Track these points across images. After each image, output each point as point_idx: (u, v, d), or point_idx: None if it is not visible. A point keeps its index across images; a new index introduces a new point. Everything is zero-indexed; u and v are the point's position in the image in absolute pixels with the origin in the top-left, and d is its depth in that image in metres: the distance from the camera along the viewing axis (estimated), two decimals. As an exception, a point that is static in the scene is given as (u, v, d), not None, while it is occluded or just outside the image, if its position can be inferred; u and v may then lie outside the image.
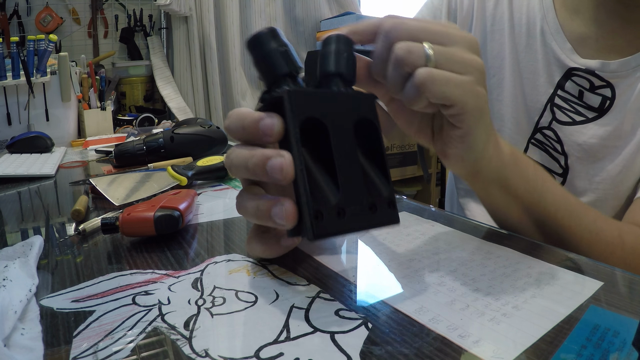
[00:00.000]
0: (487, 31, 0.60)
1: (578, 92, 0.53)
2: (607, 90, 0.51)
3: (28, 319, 0.25)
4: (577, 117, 0.53)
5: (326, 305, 0.26)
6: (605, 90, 0.51)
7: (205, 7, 1.88)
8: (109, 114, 1.26)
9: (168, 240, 0.38)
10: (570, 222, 0.39)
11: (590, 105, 0.53)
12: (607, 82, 0.51)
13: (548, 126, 0.56)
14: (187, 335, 0.23)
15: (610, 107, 0.51)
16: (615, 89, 0.51)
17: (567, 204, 0.40)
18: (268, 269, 0.31)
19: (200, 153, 0.71)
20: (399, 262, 0.32)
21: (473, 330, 0.23)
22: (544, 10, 0.55)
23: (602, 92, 0.52)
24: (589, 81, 0.52)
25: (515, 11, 0.57)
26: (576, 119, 0.54)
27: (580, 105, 0.53)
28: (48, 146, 0.94)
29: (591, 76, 0.52)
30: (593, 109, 0.52)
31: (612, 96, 0.51)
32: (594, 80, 0.52)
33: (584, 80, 0.52)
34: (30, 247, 0.34)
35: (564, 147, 0.55)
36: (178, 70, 1.91)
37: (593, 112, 0.52)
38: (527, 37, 0.56)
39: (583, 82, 0.52)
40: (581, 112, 0.53)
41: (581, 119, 0.53)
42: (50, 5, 1.63)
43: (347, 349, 0.22)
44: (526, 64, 0.57)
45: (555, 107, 0.55)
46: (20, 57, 1.03)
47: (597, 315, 0.25)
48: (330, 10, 2.28)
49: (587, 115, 0.53)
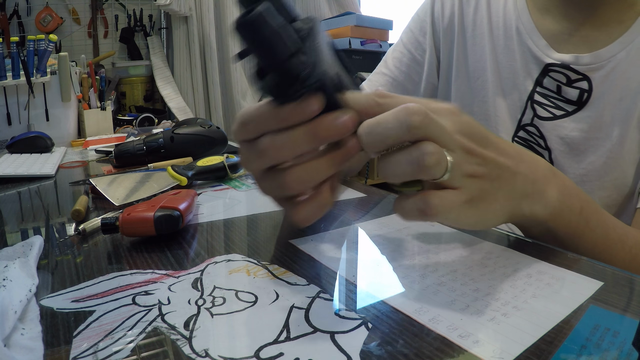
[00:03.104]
0: (469, 36, 0.62)
1: (556, 87, 0.54)
2: (584, 83, 0.52)
3: (28, 319, 0.25)
4: (558, 112, 0.55)
5: (326, 305, 0.26)
6: (582, 83, 0.52)
7: (205, 7, 1.88)
8: (109, 114, 1.26)
9: (168, 240, 0.38)
10: (606, 257, 0.38)
11: (568, 99, 0.54)
12: (583, 75, 0.52)
13: (530, 123, 0.57)
14: (187, 335, 0.23)
15: (588, 100, 0.52)
16: (591, 81, 0.52)
17: (606, 239, 0.39)
18: (268, 269, 0.31)
19: (200, 153, 0.71)
20: (398, 262, 0.32)
21: (473, 330, 0.23)
22: (519, 12, 0.57)
23: (579, 85, 0.53)
24: (566, 75, 0.53)
25: (492, 15, 0.60)
26: (556, 113, 0.55)
27: (559, 100, 0.55)
28: (48, 146, 0.94)
29: (567, 70, 0.53)
30: (572, 103, 0.54)
31: (589, 88, 0.52)
32: (570, 74, 0.53)
33: (560, 75, 0.54)
34: (30, 247, 0.34)
35: (547, 142, 0.56)
36: (178, 70, 1.91)
37: (572, 106, 0.54)
38: (505, 38, 0.58)
39: (560, 76, 0.54)
40: (561, 107, 0.55)
41: (561, 113, 0.54)
42: (50, 5, 1.63)
43: (347, 349, 0.22)
44: (505, 64, 0.58)
45: (536, 104, 0.56)
46: (20, 57, 1.03)
47: (597, 315, 0.25)
48: (330, 10, 2.28)
49: (567, 109, 0.54)
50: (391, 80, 0.68)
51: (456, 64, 0.63)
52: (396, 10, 2.78)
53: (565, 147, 0.55)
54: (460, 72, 0.63)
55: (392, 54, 0.70)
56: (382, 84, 0.69)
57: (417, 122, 0.26)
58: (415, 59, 0.67)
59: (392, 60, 0.69)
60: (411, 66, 0.67)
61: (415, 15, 0.69)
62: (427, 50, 0.66)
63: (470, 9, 0.62)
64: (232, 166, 0.61)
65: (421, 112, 0.26)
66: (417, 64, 0.67)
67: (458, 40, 0.63)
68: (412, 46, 0.67)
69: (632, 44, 0.50)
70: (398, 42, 0.70)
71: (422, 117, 0.26)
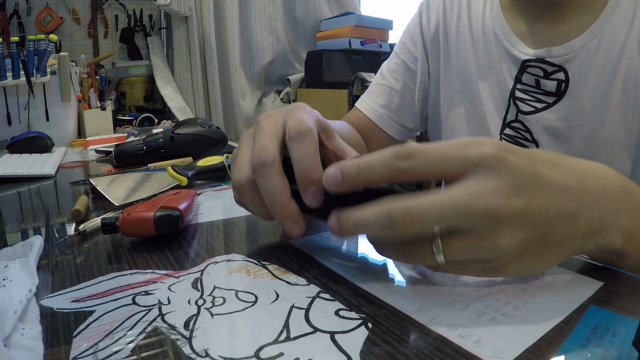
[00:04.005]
0: (453, 43, 0.66)
1: (535, 81, 0.57)
2: (560, 74, 0.55)
3: (28, 319, 0.25)
4: (539, 105, 0.57)
5: (326, 305, 0.26)
6: (559, 75, 0.55)
7: (205, 7, 1.88)
8: (109, 114, 1.26)
9: (168, 240, 0.38)
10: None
11: (548, 91, 0.56)
12: (559, 66, 0.55)
13: (515, 119, 0.60)
14: (187, 335, 0.23)
15: (566, 89, 0.55)
16: (567, 72, 0.54)
17: None
18: (268, 269, 0.31)
19: (200, 153, 0.71)
20: (399, 262, 0.32)
21: (473, 330, 0.23)
22: (494, 16, 0.61)
23: (556, 76, 0.55)
24: (542, 69, 0.56)
25: (473, 22, 0.64)
26: (538, 106, 0.57)
27: (539, 93, 0.57)
28: (48, 146, 0.94)
29: (543, 64, 0.56)
30: (551, 94, 0.56)
31: (566, 79, 0.55)
32: (546, 67, 0.56)
33: (537, 69, 0.57)
34: (30, 247, 0.34)
35: (533, 136, 0.58)
36: (178, 70, 1.91)
37: (552, 97, 0.56)
38: (484, 41, 0.62)
39: (537, 71, 0.57)
40: (541, 99, 0.57)
41: (543, 105, 0.57)
42: (50, 5, 1.64)
43: (347, 349, 0.22)
44: (486, 66, 0.62)
45: (518, 100, 0.59)
46: (20, 57, 1.03)
47: (597, 315, 0.25)
48: (330, 10, 2.28)
49: (548, 101, 0.57)
50: (389, 89, 0.73)
51: (443, 69, 0.68)
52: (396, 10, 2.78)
53: (551, 138, 0.57)
54: (447, 76, 0.67)
55: (388, 66, 0.75)
56: (381, 94, 0.73)
57: (399, 222, 0.24)
58: (409, 67, 0.72)
59: (387, 71, 0.74)
60: (406, 75, 0.72)
61: (406, 29, 0.75)
62: (419, 58, 0.71)
63: (454, 17, 0.66)
64: (232, 166, 0.61)
65: (404, 212, 0.24)
66: (411, 73, 0.72)
67: (444, 47, 0.67)
68: (405, 57, 0.72)
69: (602, 31, 0.52)
70: (392, 55, 0.75)
71: (403, 218, 0.24)
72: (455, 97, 0.66)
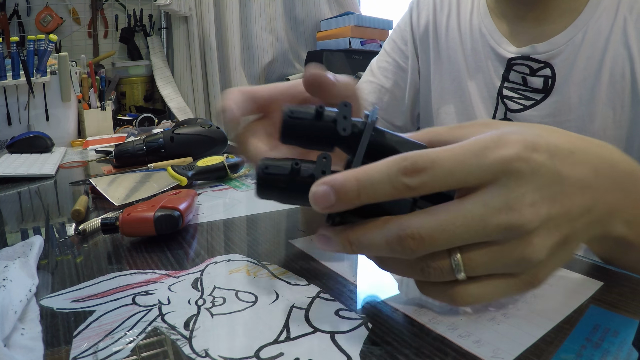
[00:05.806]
0: (442, 42, 0.66)
1: (521, 79, 0.57)
2: (546, 71, 0.55)
3: (28, 319, 0.25)
4: (527, 102, 0.57)
5: (326, 305, 0.26)
6: (545, 71, 0.55)
7: (205, 7, 1.87)
8: (109, 114, 1.26)
9: (168, 240, 0.38)
10: None
11: (535, 88, 0.56)
12: (545, 63, 0.55)
13: (504, 118, 0.59)
14: (187, 335, 0.23)
15: (553, 85, 0.55)
16: (553, 67, 0.54)
17: None
18: (268, 269, 0.31)
19: (200, 153, 0.71)
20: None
21: (473, 330, 0.23)
22: (481, 16, 0.62)
23: (542, 73, 0.55)
24: (528, 66, 0.56)
25: (462, 20, 0.65)
26: (526, 104, 0.57)
27: (526, 91, 0.57)
28: (48, 146, 0.94)
29: (528, 61, 0.56)
30: (539, 91, 0.56)
31: (553, 74, 0.55)
32: (532, 64, 0.56)
33: (523, 67, 0.57)
34: (30, 247, 0.34)
35: None
36: (178, 70, 1.91)
37: (539, 94, 0.56)
38: (472, 41, 0.62)
39: (523, 68, 0.57)
40: (529, 97, 0.57)
41: (530, 102, 0.57)
42: (50, 5, 1.63)
43: (347, 349, 0.22)
44: (474, 66, 0.62)
45: (505, 99, 0.59)
46: (20, 57, 1.03)
47: (597, 315, 0.25)
48: (330, 10, 2.28)
49: (535, 98, 0.57)
50: (379, 87, 0.73)
51: (434, 67, 0.68)
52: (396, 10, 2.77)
53: None
54: (437, 74, 0.67)
55: (378, 64, 0.74)
56: (370, 91, 0.73)
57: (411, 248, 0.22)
58: (400, 66, 0.72)
59: (378, 69, 0.74)
60: (397, 73, 0.72)
61: (396, 26, 0.75)
62: (410, 57, 0.71)
63: (444, 16, 0.67)
64: (232, 166, 0.61)
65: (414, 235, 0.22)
66: (402, 71, 0.72)
67: (434, 45, 0.67)
68: (396, 55, 0.72)
69: (586, 25, 0.52)
70: (382, 52, 0.75)
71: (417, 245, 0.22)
72: (446, 95, 0.66)
